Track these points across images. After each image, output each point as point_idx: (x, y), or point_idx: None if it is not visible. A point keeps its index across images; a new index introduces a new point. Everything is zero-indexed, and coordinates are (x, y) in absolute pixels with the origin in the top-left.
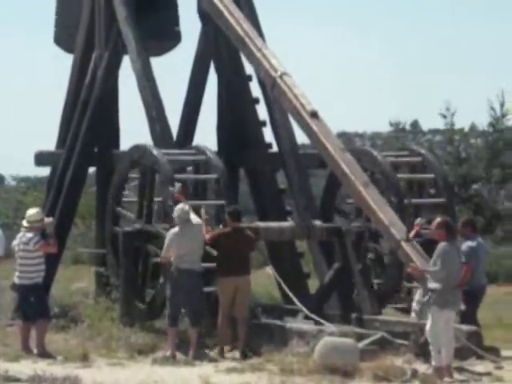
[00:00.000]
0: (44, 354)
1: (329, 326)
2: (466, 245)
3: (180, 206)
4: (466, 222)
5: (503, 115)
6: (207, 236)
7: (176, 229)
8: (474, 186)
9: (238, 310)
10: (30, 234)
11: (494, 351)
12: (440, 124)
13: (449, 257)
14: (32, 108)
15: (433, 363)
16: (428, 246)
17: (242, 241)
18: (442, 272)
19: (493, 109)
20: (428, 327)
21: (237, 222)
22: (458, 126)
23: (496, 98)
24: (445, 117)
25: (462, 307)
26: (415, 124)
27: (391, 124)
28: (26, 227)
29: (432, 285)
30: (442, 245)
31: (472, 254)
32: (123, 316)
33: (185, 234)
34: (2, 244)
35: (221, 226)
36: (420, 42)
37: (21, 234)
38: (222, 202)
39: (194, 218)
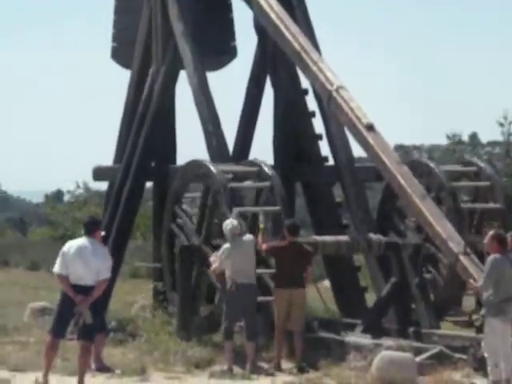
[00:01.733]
0: (102, 368)
1: (386, 340)
2: None
3: (229, 220)
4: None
5: None
6: (264, 246)
7: (227, 244)
8: None
9: (293, 323)
10: None
11: None
12: (498, 135)
13: (496, 268)
14: (91, 123)
15: (490, 377)
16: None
17: (298, 255)
18: (487, 283)
19: None
20: (483, 340)
21: (294, 236)
22: None
23: None
24: (502, 125)
25: None
26: (474, 136)
27: (448, 137)
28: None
29: (483, 297)
30: (490, 257)
31: None
32: (180, 330)
33: (236, 248)
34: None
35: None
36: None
37: None
38: (277, 208)
39: (246, 235)
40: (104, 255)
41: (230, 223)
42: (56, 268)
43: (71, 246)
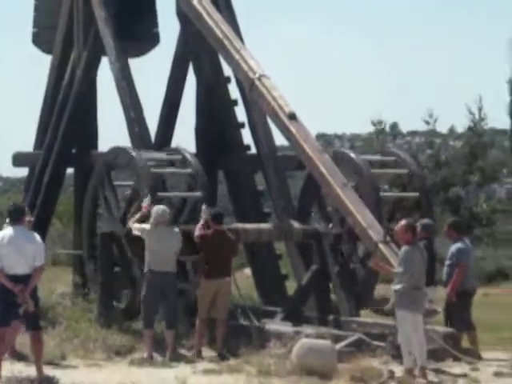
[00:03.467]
0: (17, 355)
1: (306, 328)
2: (455, 246)
3: (159, 206)
4: (452, 224)
5: (482, 119)
6: (196, 233)
7: (149, 226)
8: (454, 189)
9: (218, 311)
10: None
11: (471, 353)
12: (419, 126)
13: (411, 259)
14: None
15: (404, 365)
16: None
17: (224, 244)
18: (405, 275)
19: (471, 113)
20: (399, 332)
21: (219, 225)
22: (438, 129)
23: (474, 103)
24: (428, 123)
25: (438, 308)
26: (394, 126)
27: (374, 123)
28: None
29: (395, 286)
30: (404, 248)
31: (462, 256)
32: (100, 317)
33: (160, 234)
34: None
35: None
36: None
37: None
38: (199, 193)
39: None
40: (36, 241)
41: (159, 209)
42: None
43: (2, 237)
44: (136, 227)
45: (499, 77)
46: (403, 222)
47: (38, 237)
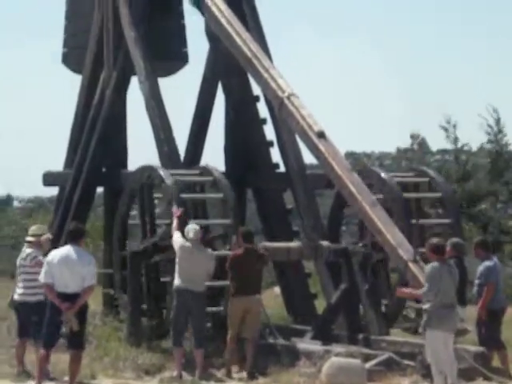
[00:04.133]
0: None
1: (336, 347)
2: (484, 265)
3: (192, 225)
4: (480, 243)
5: (500, 130)
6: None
7: (188, 243)
8: (483, 206)
9: (248, 330)
10: (29, 250)
11: (501, 372)
12: (443, 140)
13: (437, 277)
14: (41, 128)
15: None
16: None
17: (254, 261)
18: (430, 292)
19: (490, 126)
20: (426, 348)
21: (249, 243)
22: (463, 141)
23: (489, 115)
24: (446, 130)
25: (468, 328)
26: (423, 143)
27: (412, 137)
28: (27, 242)
29: (424, 306)
30: (429, 265)
31: (490, 275)
32: (130, 336)
33: (193, 253)
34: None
35: (227, 247)
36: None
37: (23, 250)
38: (228, 221)
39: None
40: (89, 262)
41: (192, 228)
42: (41, 277)
43: (56, 254)
44: (174, 236)
45: None
46: (431, 241)
47: (91, 258)
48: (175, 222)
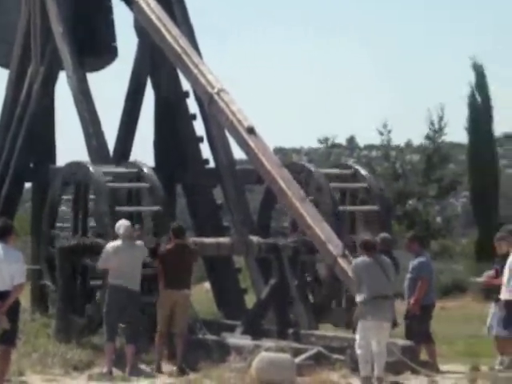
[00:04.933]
0: None
1: (266, 342)
2: (417, 260)
3: (123, 221)
4: (413, 238)
5: (441, 128)
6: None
7: (118, 242)
8: (410, 202)
9: (177, 325)
10: None
11: (429, 366)
12: (376, 139)
13: (364, 270)
14: None
15: (361, 373)
16: None
17: (184, 257)
18: (359, 285)
19: (432, 122)
20: (356, 336)
21: (180, 238)
22: (394, 143)
23: (435, 111)
24: (382, 134)
25: (397, 321)
26: (351, 139)
27: (320, 141)
28: None
29: (357, 298)
30: (353, 261)
31: (424, 270)
32: (59, 332)
33: (126, 249)
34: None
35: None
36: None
37: None
38: (158, 207)
39: (139, 241)
40: (17, 259)
41: (123, 224)
42: None
43: None
44: (101, 263)
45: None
46: (361, 239)
47: (19, 255)
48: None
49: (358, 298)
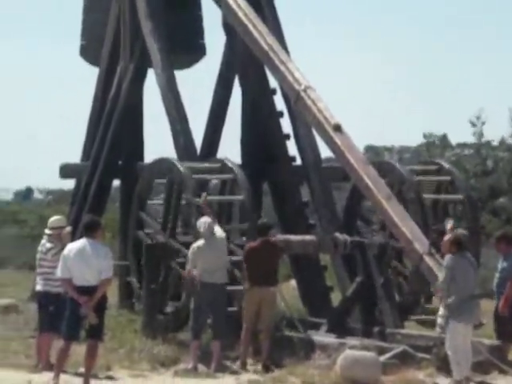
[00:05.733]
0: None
1: (351, 340)
2: (509, 260)
3: (204, 219)
4: (501, 237)
5: None
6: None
7: (201, 242)
8: (501, 200)
9: (263, 322)
10: (48, 245)
11: None
12: (469, 137)
13: (456, 270)
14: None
15: (454, 377)
16: None
17: (270, 253)
18: (449, 285)
19: None
20: (447, 343)
21: (265, 236)
22: (487, 138)
23: None
24: (474, 125)
25: (483, 321)
26: (444, 138)
27: (425, 136)
28: (46, 234)
29: (447, 299)
30: (447, 257)
31: None
32: (145, 328)
33: (209, 247)
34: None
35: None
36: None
37: (42, 242)
38: (241, 197)
39: (218, 230)
40: (105, 255)
41: (204, 222)
42: (58, 272)
43: (71, 248)
44: (189, 266)
45: None
46: (448, 236)
47: (107, 251)
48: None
49: (449, 299)
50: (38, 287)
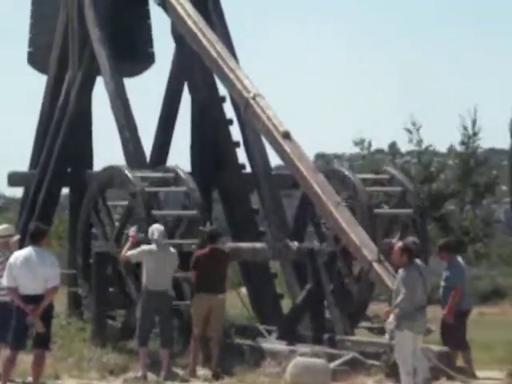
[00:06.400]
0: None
1: (301, 347)
2: (450, 271)
3: (156, 225)
4: (444, 245)
5: (475, 133)
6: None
7: (152, 246)
8: (450, 207)
9: (212, 329)
10: None
11: (465, 372)
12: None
13: (408, 281)
14: (6, 129)
15: None
16: None
17: (219, 260)
18: (406, 295)
19: (465, 128)
20: (396, 352)
21: (215, 243)
22: (427, 143)
23: (468, 115)
24: (410, 132)
25: (431, 328)
26: (393, 145)
27: (355, 143)
28: None
29: (396, 310)
30: (401, 271)
31: (457, 279)
32: (95, 336)
33: (160, 254)
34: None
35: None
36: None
37: None
38: (194, 212)
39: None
40: (51, 263)
41: (156, 228)
42: (4, 281)
43: (17, 256)
44: (132, 253)
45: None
46: (398, 245)
47: (53, 259)
48: (127, 245)
49: (397, 310)
50: None
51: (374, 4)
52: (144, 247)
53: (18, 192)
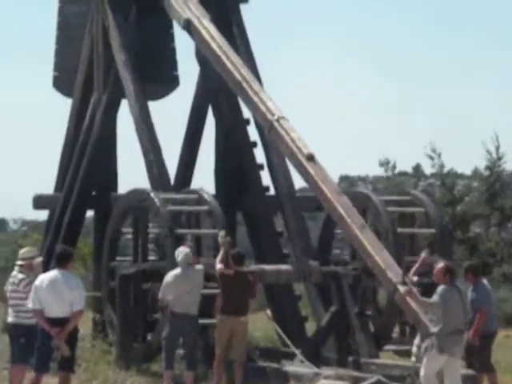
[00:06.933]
0: None
1: (326, 370)
2: (475, 293)
3: (182, 248)
4: (469, 268)
5: (499, 158)
6: (218, 266)
7: (177, 270)
8: (477, 230)
9: (235, 352)
10: (20, 275)
11: None
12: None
13: (448, 301)
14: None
15: None
16: (430, 289)
17: (242, 285)
18: (443, 315)
19: (489, 152)
20: (422, 370)
21: (239, 265)
22: (448, 167)
23: (490, 141)
24: (432, 158)
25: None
26: (417, 168)
27: (381, 163)
28: (18, 265)
29: (433, 328)
30: (442, 287)
31: (482, 302)
32: (119, 359)
33: (186, 277)
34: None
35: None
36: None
37: (13, 274)
38: (216, 230)
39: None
40: (77, 286)
41: (183, 251)
42: (30, 303)
43: (43, 279)
44: (161, 293)
45: None
46: (441, 265)
47: (79, 282)
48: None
49: (434, 329)
50: (10, 319)
51: (403, 30)
52: (167, 277)
53: (41, 215)
